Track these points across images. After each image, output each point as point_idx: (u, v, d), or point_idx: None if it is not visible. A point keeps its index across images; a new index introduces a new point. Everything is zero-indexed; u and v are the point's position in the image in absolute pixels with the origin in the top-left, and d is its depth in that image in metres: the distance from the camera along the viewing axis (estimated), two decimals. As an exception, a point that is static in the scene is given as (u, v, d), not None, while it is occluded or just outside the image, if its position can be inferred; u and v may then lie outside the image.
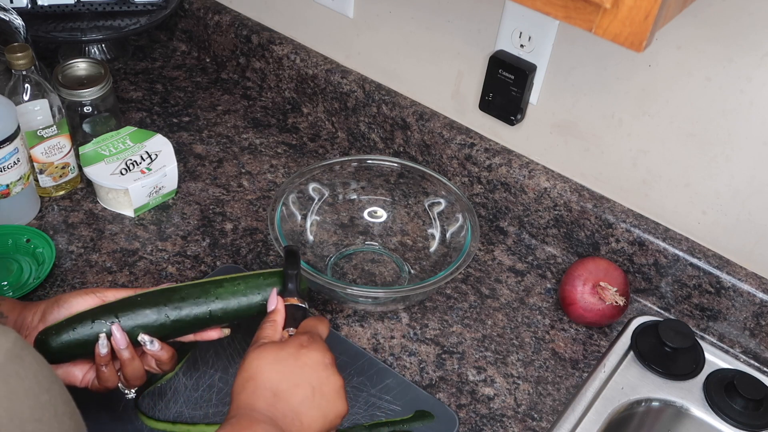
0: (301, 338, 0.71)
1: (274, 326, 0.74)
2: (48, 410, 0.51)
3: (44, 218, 1.03)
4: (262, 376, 0.67)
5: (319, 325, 0.74)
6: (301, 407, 0.66)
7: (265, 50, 1.25)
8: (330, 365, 0.70)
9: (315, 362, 0.69)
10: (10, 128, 0.93)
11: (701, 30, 0.83)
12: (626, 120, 0.95)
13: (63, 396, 0.54)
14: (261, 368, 0.67)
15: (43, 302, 0.77)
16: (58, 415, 0.52)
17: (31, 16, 1.20)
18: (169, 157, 1.06)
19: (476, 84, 1.05)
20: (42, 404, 0.51)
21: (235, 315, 0.78)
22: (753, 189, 0.90)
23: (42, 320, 0.75)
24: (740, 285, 0.93)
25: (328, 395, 0.68)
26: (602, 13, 0.58)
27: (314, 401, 0.67)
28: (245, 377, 0.67)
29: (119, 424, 0.81)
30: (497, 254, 1.07)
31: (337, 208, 1.06)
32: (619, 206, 1.01)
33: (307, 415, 0.66)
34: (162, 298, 0.76)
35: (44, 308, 0.76)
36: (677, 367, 0.92)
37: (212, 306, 0.77)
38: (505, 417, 0.88)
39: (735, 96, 0.85)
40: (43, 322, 0.75)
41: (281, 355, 0.68)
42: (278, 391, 0.66)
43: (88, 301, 0.76)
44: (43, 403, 0.51)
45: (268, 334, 0.72)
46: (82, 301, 0.76)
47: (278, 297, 0.76)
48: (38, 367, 0.53)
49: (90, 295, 0.77)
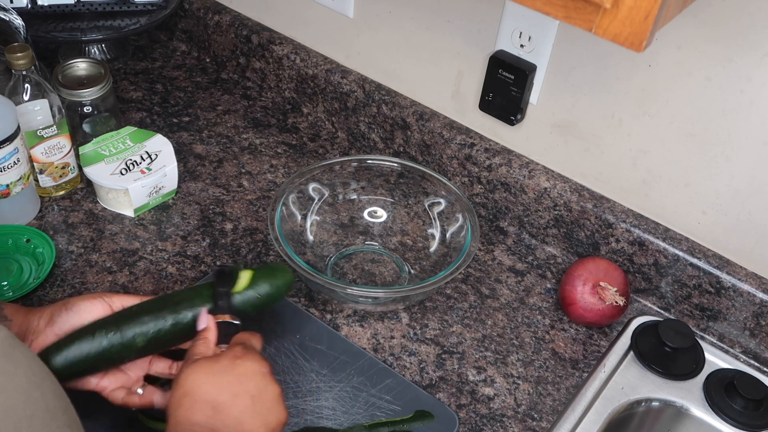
0: (235, 350, 0.70)
1: (206, 343, 0.73)
2: (40, 406, 0.51)
3: (44, 218, 1.03)
4: (200, 390, 0.66)
5: (251, 338, 0.74)
6: (244, 416, 0.66)
7: (265, 50, 1.25)
8: (267, 374, 0.69)
9: (252, 371, 0.68)
10: (10, 128, 0.93)
11: (701, 30, 0.83)
12: (626, 120, 0.95)
13: (55, 391, 0.54)
14: (197, 382, 0.67)
15: (49, 307, 0.77)
16: (51, 410, 0.52)
17: (31, 16, 1.20)
18: (169, 157, 1.06)
19: (476, 84, 1.05)
20: (34, 400, 0.51)
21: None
22: (753, 189, 0.90)
23: (49, 324, 0.75)
24: (740, 285, 0.93)
25: (268, 403, 0.68)
26: (602, 13, 0.58)
27: (255, 410, 0.67)
28: (181, 393, 0.67)
29: (119, 424, 0.81)
30: (497, 254, 1.07)
31: (337, 208, 1.06)
32: (619, 206, 1.01)
33: (250, 423, 0.66)
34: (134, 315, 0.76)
35: (52, 312, 0.75)
36: (677, 367, 0.92)
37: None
38: (505, 417, 0.88)
39: (735, 96, 0.85)
40: (51, 325, 0.75)
41: (216, 367, 0.68)
42: (217, 404, 0.66)
43: (97, 308, 0.76)
44: (35, 399, 0.51)
45: (201, 351, 0.72)
46: (91, 307, 0.76)
47: (209, 315, 0.76)
48: (29, 364, 0.52)
49: (98, 301, 0.76)
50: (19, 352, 0.52)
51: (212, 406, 0.66)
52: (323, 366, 0.89)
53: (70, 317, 0.75)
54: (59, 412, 0.53)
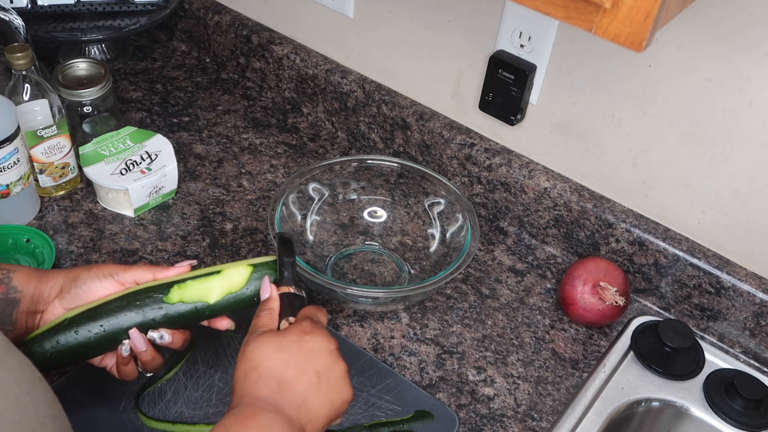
0: (303, 325, 0.69)
1: (271, 314, 0.72)
2: (29, 412, 0.50)
3: (44, 218, 1.03)
4: (266, 365, 0.65)
5: (318, 312, 0.73)
6: (308, 394, 0.65)
7: (265, 50, 1.25)
8: (334, 351, 0.68)
9: (319, 348, 0.67)
10: (10, 128, 0.93)
11: (701, 30, 0.83)
12: (626, 120, 0.95)
13: (46, 398, 0.53)
14: (264, 357, 0.66)
15: (60, 274, 0.75)
16: (40, 417, 0.51)
17: (31, 16, 1.20)
18: (169, 157, 1.06)
19: (476, 84, 1.05)
20: (22, 406, 0.50)
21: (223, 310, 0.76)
22: (753, 189, 0.90)
23: (59, 296, 0.74)
24: (740, 285, 0.93)
25: (333, 381, 0.67)
26: (602, 13, 0.58)
27: (320, 388, 0.66)
28: (248, 367, 0.66)
29: (119, 424, 0.81)
30: (497, 254, 1.07)
31: (337, 208, 1.06)
32: (619, 206, 1.01)
33: (314, 401, 0.65)
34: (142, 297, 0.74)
35: (62, 284, 0.75)
36: (677, 367, 0.92)
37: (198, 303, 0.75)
38: (505, 417, 0.88)
39: (735, 96, 0.85)
40: (60, 298, 0.74)
41: (284, 342, 0.67)
42: (283, 380, 0.65)
43: (106, 286, 0.75)
44: (24, 405, 0.50)
45: (266, 323, 0.70)
46: (99, 285, 0.75)
47: (272, 285, 0.74)
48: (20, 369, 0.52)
49: (109, 280, 0.75)
50: (11, 357, 0.52)
51: (278, 382, 0.65)
52: (323, 366, 0.89)
53: (79, 293, 0.74)
54: (48, 420, 0.52)
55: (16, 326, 0.73)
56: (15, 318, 0.73)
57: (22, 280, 0.74)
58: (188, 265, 0.78)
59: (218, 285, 0.76)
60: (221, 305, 0.76)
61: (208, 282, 0.75)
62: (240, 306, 0.77)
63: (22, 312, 0.73)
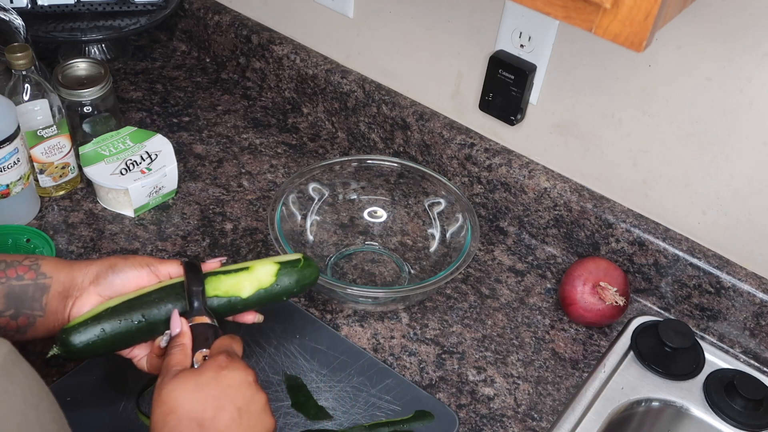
0: (219, 359, 0.67)
1: (183, 350, 0.70)
2: (34, 427, 0.50)
3: (44, 218, 1.03)
4: (184, 407, 0.64)
5: (233, 343, 0.71)
6: (229, 430, 0.64)
7: (265, 50, 1.25)
8: (253, 383, 0.67)
9: (238, 382, 0.66)
10: (10, 128, 0.93)
11: (701, 30, 0.83)
12: (626, 120, 0.95)
13: (52, 413, 0.53)
14: (182, 399, 0.64)
15: (94, 263, 0.76)
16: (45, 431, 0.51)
17: (31, 16, 1.20)
18: (169, 157, 1.06)
19: (476, 84, 1.05)
20: (29, 421, 0.50)
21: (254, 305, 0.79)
22: (753, 189, 0.90)
23: (94, 282, 0.74)
24: (740, 285, 0.93)
25: (255, 414, 0.66)
26: (602, 13, 0.58)
27: (242, 423, 0.65)
28: (165, 411, 0.64)
29: (119, 424, 0.81)
30: (497, 254, 1.07)
31: (337, 208, 1.06)
32: (619, 206, 1.01)
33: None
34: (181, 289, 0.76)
35: (97, 271, 0.75)
36: (677, 367, 0.92)
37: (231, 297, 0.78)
38: (505, 417, 0.88)
39: (735, 96, 0.85)
40: (95, 284, 0.74)
41: (201, 380, 0.65)
42: (203, 420, 0.63)
43: (143, 277, 0.76)
44: (30, 420, 0.50)
45: (179, 360, 0.68)
46: (137, 274, 0.76)
47: (182, 319, 0.73)
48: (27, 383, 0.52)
49: (145, 271, 0.76)
50: (19, 370, 0.52)
51: (198, 423, 0.63)
52: (323, 366, 0.89)
53: (115, 281, 0.75)
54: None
55: (46, 312, 0.73)
56: (45, 303, 0.73)
57: (51, 267, 0.74)
58: (218, 261, 0.80)
59: (248, 280, 0.78)
60: (253, 300, 0.79)
61: (239, 277, 0.78)
62: (270, 302, 0.80)
63: (53, 297, 0.73)
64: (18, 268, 0.73)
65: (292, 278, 0.80)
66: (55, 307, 0.74)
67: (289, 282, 0.80)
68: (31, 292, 0.72)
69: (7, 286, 0.72)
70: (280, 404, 0.85)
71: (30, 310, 0.72)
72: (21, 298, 0.72)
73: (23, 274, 0.72)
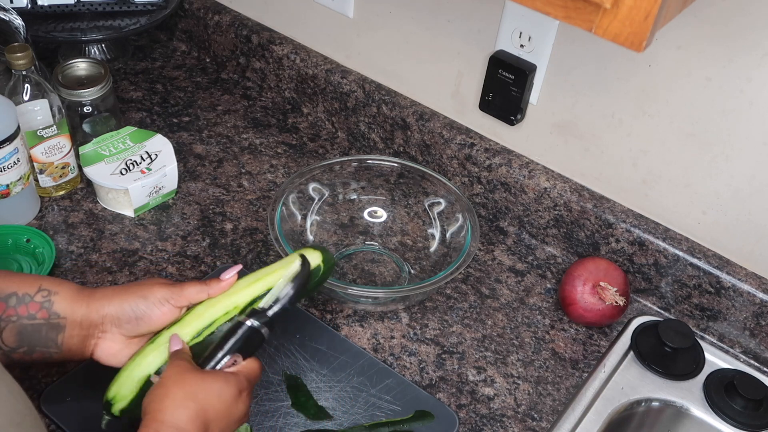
0: (244, 385, 0.69)
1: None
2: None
3: (44, 218, 1.03)
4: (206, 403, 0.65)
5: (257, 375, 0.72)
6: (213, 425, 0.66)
7: (265, 50, 1.25)
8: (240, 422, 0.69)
9: (239, 415, 0.68)
10: (10, 128, 0.93)
11: (701, 30, 0.83)
12: (626, 120, 0.95)
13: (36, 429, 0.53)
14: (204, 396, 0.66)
15: (111, 300, 0.73)
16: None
17: (31, 16, 1.20)
18: (169, 157, 1.06)
19: (476, 84, 1.05)
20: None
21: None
22: (753, 189, 0.90)
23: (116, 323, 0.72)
24: (740, 285, 0.93)
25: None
26: (602, 13, 0.58)
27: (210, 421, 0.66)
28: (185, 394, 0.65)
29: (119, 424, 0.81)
30: (497, 254, 1.07)
31: (337, 208, 1.06)
32: (619, 206, 1.01)
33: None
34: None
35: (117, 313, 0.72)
36: (677, 367, 0.92)
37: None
38: (505, 417, 0.88)
39: (735, 96, 0.85)
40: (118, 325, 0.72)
41: (225, 393, 0.67)
42: (208, 421, 0.65)
43: (165, 312, 0.73)
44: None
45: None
46: (159, 313, 0.73)
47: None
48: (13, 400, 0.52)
49: (165, 306, 0.73)
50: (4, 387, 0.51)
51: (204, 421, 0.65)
52: (323, 366, 0.89)
53: (141, 326, 0.73)
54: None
55: (63, 350, 0.72)
56: (61, 342, 0.71)
57: (65, 305, 0.71)
58: (235, 273, 0.76)
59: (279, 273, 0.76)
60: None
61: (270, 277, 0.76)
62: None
63: (69, 337, 0.71)
64: (30, 306, 0.70)
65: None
66: (75, 345, 0.72)
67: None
68: (45, 332, 0.70)
69: (18, 324, 0.69)
70: (280, 404, 0.85)
71: (45, 347, 0.71)
72: (34, 336, 0.70)
73: (35, 312, 0.70)
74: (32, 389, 0.84)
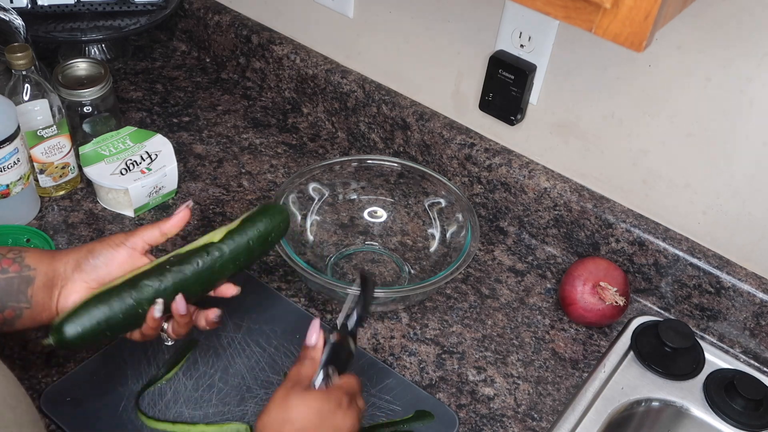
0: (344, 399, 0.70)
1: (313, 364, 0.72)
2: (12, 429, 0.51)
3: (44, 218, 1.03)
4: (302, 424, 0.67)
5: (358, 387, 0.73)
6: None
7: (265, 50, 1.25)
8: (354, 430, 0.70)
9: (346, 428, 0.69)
10: (10, 128, 0.93)
11: (701, 30, 0.83)
12: (626, 120, 0.95)
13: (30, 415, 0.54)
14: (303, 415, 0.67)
15: (72, 252, 0.76)
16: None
17: (31, 16, 1.20)
18: (169, 157, 1.06)
19: (476, 84, 1.05)
20: (6, 423, 0.51)
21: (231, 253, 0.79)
22: (753, 189, 0.90)
23: (77, 270, 0.75)
24: (740, 285, 0.93)
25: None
26: (602, 13, 0.58)
27: None
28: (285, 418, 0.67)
29: (119, 424, 0.81)
30: (497, 254, 1.07)
31: (337, 208, 1.06)
32: (619, 206, 1.01)
33: None
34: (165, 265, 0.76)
35: (77, 259, 0.75)
36: (677, 367, 0.92)
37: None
38: (505, 417, 0.88)
39: (735, 96, 0.85)
40: (79, 272, 0.75)
41: (324, 409, 0.68)
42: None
43: (122, 253, 0.76)
44: (8, 422, 0.51)
45: (308, 373, 0.71)
46: (115, 253, 0.76)
47: (320, 331, 0.74)
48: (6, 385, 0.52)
49: (122, 248, 0.76)
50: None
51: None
52: (323, 366, 0.89)
53: (98, 265, 0.75)
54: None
55: (32, 303, 0.74)
56: (30, 295, 0.73)
57: (35, 259, 0.75)
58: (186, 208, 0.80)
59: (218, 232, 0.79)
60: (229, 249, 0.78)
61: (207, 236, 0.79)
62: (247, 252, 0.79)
63: (38, 288, 0.74)
64: (2, 261, 0.73)
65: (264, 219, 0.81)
66: (42, 298, 0.74)
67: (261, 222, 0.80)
68: (17, 285, 0.73)
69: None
70: (280, 404, 0.85)
71: (16, 302, 0.73)
72: (7, 291, 0.73)
73: (8, 267, 0.73)
74: (32, 389, 0.84)
